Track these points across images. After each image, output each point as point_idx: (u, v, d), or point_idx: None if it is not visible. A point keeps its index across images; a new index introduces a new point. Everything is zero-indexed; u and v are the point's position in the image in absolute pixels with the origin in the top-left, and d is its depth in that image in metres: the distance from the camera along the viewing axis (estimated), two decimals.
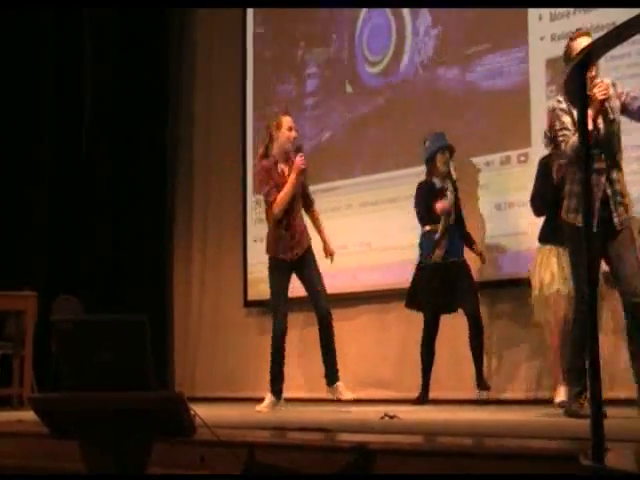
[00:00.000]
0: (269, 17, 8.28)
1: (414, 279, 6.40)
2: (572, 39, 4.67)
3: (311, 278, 5.69)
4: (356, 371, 7.20)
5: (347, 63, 7.71)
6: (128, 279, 8.40)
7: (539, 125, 6.46)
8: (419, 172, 7.13)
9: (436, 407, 5.96)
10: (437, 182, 6.25)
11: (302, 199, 5.78)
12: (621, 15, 3.24)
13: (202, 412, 3.07)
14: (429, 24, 7.18)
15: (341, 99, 7.71)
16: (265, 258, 6.14)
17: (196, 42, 8.98)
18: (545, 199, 5.44)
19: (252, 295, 8.05)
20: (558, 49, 6.36)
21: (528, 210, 6.26)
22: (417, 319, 7.03)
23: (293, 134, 5.63)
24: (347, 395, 5.56)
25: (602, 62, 5.92)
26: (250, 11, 8.37)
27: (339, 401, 5.63)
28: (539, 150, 6.37)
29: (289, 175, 5.62)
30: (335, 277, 7.45)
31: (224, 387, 8.10)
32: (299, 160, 5.53)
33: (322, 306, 5.68)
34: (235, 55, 8.45)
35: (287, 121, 5.66)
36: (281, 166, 5.66)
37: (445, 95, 7.04)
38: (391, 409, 4.72)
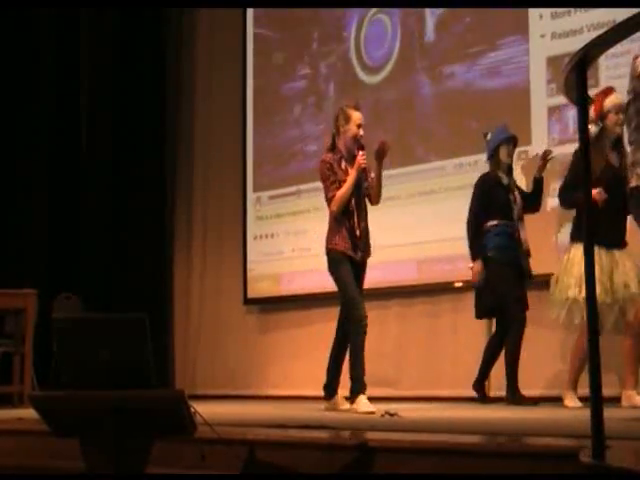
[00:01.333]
0: (269, 18, 8.27)
1: (486, 279, 5.86)
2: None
3: (360, 286, 5.44)
4: None
5: (347, 63, 7.71)
6: (128, 277, 8.40)
7: (540, 123, 6.48)
8: (420, 171, 7.14)
9: (437, 405, 5.96)
10: (503, 177, 5.90)
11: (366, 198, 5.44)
12: (622, 13, 3.24)
13: (203, 410, 3.07)
14: (429, 23, 7.17)
15: (341, 98, 7.71)
16: (265, 257, 6.14)
17: (196, 40, 8.97)
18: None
19: (252, 293, 8.06)
20: (559, 47, 6.39)
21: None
22: (416, 318, 7.04)
23: (360, 132, 5.27)
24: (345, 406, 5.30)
25: (602, 60, 5.95)
26: (250, 11, 8.36)
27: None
28: (539, 148, 6.38)
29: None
30: None
31: (224, 385, 8.10)
32: (360, 158, 5.18)
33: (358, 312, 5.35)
34: (236, 54, 8.44)
35: (357, 117, 5.29)
36: (345, 162, 5.33)
37: (445, 93, 7.04)
38: (391, 407, 4.72)
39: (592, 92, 5.02)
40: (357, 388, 5.13)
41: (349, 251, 5.31)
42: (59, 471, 3.78)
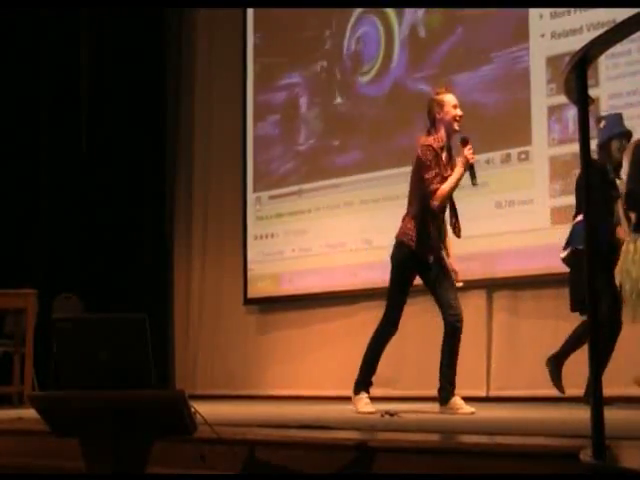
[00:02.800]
0: (270, 18, 8.27)
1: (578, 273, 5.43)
2: None
3: (440, 287, 4.91)
4: (356, 369, 7.19)
5: (345, 63, 7.72)
6: (128, 277, 8.41)
7: (539, 123, 6.47)
8: None
9: (436, 405, 5.95)
10: (610, 171, 5.49)
11: None
12: (622, 12, 3.24)
13: (203, 410, 3.07)
14: (427, 21, 7.17)
15: (341, 98, 7.71)
16: (265, 257, 6.14)
17: (197, 40, 8.97)
18: None
19: (252, 293, 8.06)
20: (559, 47, 6.39)
21: (528, 208, 6.27)
22: (416, 317, 7.04)
23: (458, 112, 4.88)
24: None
25: (602, 60, 5.96)
26: (250, 11, 8.36)
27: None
28: (540, 148, 6.38)
29: (448, 165, 4.92)
30: (335, 274, 7.47)
31: (224, 385, 8.10)
32: (468, 153, 4.79)
33: (445, 317, 4.89)
34: (236, 53, 8.44)
35: (449, 99, 4.91)
36: (446, 154, 4.94)
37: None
38: (391, 407, 4.72)
39: (592, 92, 5.02)
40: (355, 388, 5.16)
41: (426, 253, 4.89)
42: (59, 471, 3.78)
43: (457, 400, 4.77)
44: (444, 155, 4.90)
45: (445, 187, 4.82)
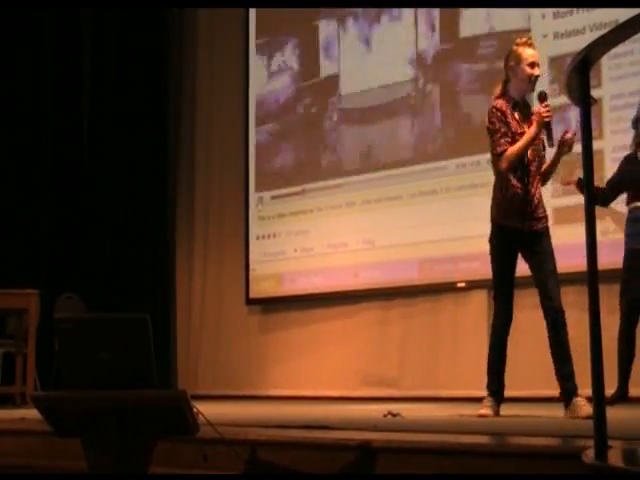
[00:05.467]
0: (271, 18, 8.27)
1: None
2: None
3: (541, 262, 4.42)
4: (358, 369, 7.21)
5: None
6: (130, 277, 8.41)
7: None
8: (422, 170, 7.13)
9: (439, 405, 5.96)
10: None
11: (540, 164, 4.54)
12: (624, 13, 3.24)
13: (205, 410, 3.07)
14: (430, 21, 7.17)
15: (341, 98, 7.71)
16: (267, 257, 6.13)
17: (198, 40, 8.98)
18: None
19: (254, 293, 8.06)
20: (561, 47, 6.39)
21: None
22: (418, 318, 7.04)
23: (535, 71, 4.42)
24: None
25: (605, 60, 5.95)
26: (252, 11, 8.36)
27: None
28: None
29: (525, 125, 4.47)
30: (337, 274, 7.48)
31: (226, 385, 8.11)
32: (543, 110, 4.34)
33: (550, 302, 4.39)
34: (238, 53, 8.44)
35: (529, 55, 4.42)
36: (518, 112, 4.50)
37: (446, 93, 7.04)
38: (394, 407, 4.72)
39: (595, 93, 5.01)
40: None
41: (512, 222, 4.44)
42: (61, 471, 3.78)
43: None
44: (517, 113, 4.47)
45: (514, 147, 4.38)
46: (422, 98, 7.19)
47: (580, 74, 2.41)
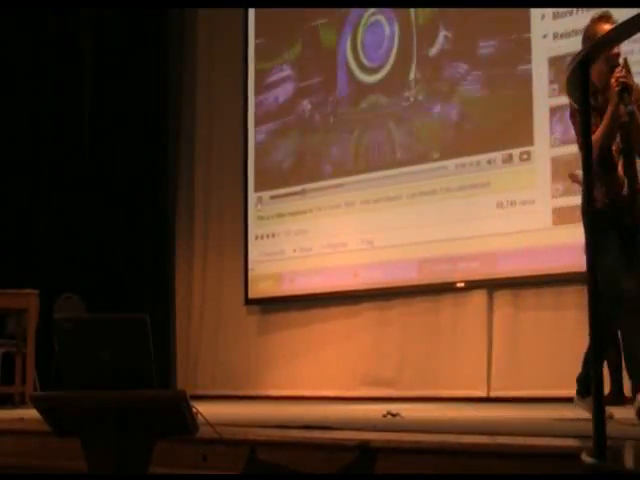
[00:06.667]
0: (271, 18, 8.27)
1: None
2: None
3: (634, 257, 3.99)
4: (357, 369, 7.21)
5: (346, 63, 7.72)
6: (130, 278, 8.41)
7: (541, 123, 6.47)
8: (421, 171, 7.13)
9: (438, 405, 5.96)
10: None
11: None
12: (624, 13, 3.23)
13: (204, 410, 3.07)
14: (430, 21, 7.17)
15: (341, 98, 7.71)
16: (266, 257, 6.12)
17: (198, 40, 8.97)
18: None
19: (253, 293, 8.06)
20: (561, 47, 6.39)
21: (529, 208, 6.27)
22: (417, 318, 7.04)
23: (615, 49, 4.04)
24: None
25: None
26: (251, 11, 8.36)
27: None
28: (542, 148, 6.38)
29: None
30: (336, 274, 7.47)
31: (226, 385, 8.10)
32: (613, 80, 3.91)
33: None
34: (237, 54, 8.44)
35: (604, 33, 3.88)
36: (601, 97, 4.10)
37: (446, 93, 7.04)
38: (393, 407, 4.72)
39: None
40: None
41: (606, 208, 3.99)
42: (61, 471, 3.78)
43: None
44: (599, 97, 4.09)
45: (597, 132, 4.00)
46: (422, 98, 7.19)
47: (580, 74, 2.42)
